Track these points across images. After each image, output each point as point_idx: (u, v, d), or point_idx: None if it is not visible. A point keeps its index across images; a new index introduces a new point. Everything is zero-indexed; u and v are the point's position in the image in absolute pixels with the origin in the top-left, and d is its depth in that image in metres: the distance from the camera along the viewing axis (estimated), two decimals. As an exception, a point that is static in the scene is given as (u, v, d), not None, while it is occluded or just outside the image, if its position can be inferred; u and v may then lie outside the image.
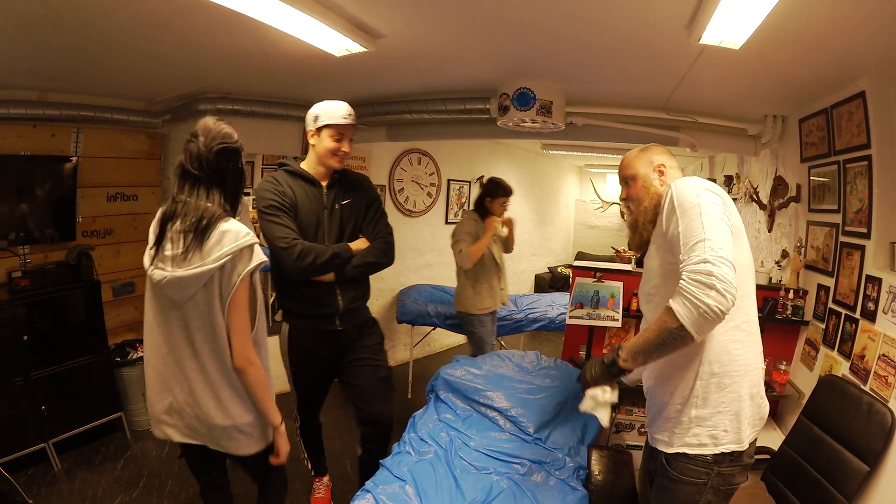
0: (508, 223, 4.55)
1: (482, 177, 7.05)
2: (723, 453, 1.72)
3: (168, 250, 1.90)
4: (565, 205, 9.91)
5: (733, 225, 1.66)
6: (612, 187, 9.78)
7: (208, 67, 3.34)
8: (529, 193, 8.49)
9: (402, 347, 6.08)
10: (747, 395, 1.74)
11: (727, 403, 1.72)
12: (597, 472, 2.61)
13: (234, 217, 1.97)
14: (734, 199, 5.38)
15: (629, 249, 2.33)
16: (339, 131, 2.66)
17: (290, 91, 4.10)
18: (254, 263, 1.91)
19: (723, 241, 1.55)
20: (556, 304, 5.53)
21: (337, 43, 2.61)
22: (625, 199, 2.07)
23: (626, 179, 2.04)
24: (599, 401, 1.90)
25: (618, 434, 3.41)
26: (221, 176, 1.97)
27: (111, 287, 4.29)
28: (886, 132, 2.68)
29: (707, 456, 1.73)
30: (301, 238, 2.61)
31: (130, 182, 4.41)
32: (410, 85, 3.82)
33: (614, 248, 4.87)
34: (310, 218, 2.69)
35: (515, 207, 7.34)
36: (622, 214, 9.28)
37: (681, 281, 1.55)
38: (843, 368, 2.84)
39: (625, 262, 4.43)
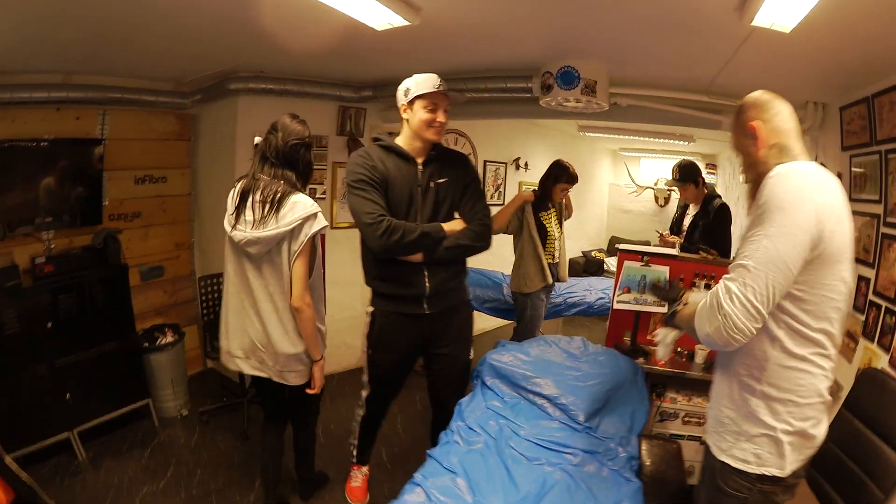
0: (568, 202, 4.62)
1: (518, 158, 6.97)
2: (764, 475, 1.61)
3: (248, 216, 2.39)
4: (599, 189, 9.68)
5: (824, 253, 1.45)
6: (646, 171, 9.57)
7: (241, 44, 3.23)
8: (565, 176, 8.29)
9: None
10: (800, 427, 1.58)
11: (775, 430, 1.58)
12: (649, 463, 2.49)
13: (305, 192, 2.48)
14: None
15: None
16: (433, 101, 2.54)
17: (325, 69, 4.00)
18: (316, 227, 2.40)
19: (764, 284, 1.42)
20: (594, 289, 5.41)
21: (379, 15, 2.48)
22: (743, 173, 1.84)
23: (735, 150, 1.83)
24: (659, 339, 2.12)
25: (661, 423, 3.33)
26: (294, 163, 2.47)
27: (139, 271, 4.21)
28: None
29: (750, 473, 1.63)
30: (390, 215, 2.53)
31: (159, 164, 4.33)
32: (450, 63, 3.70)
33: (658, 232, 4.77)
34: (402, 195, 2.59)
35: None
36: (656, 199, 9.21)
37: (712, 289, 1.52)
38: (882, 361, 2.73)
39: (668, 247, 4.34)
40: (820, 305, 1.50)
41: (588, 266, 8.37)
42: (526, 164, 7.13)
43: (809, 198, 1.43)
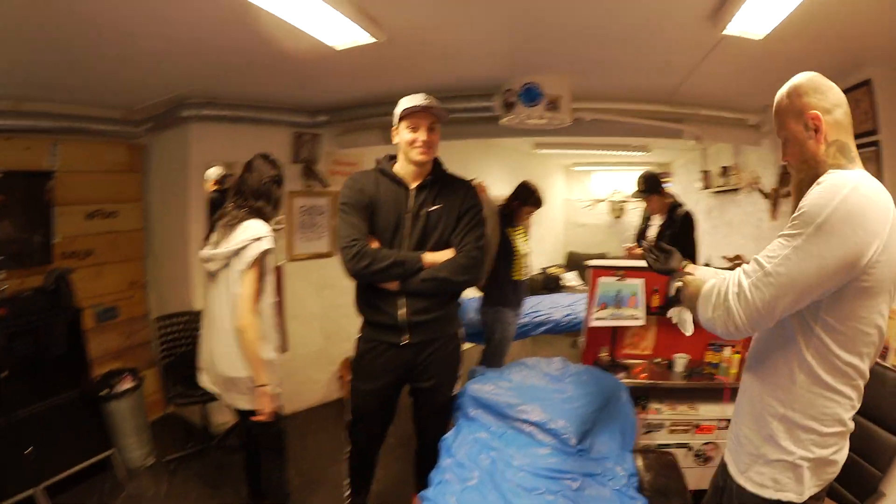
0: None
1: (473, 179, 6.91)
2: (781, 500, 1.51)
3: (213, 239, 2.69)
4: (554, 205, 9.74)
5: (864, 285, 1.34)
6: (598, 185, 9.79)
7: (196, 68, 3.13)
8: (520, 195, 8.33)
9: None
10: (820, 455, 1.48)
11: (794, 456, 1.49)
12: (649, 478, 2.50)
13: (273, 218, 2.77)
14: (733, 190, 5.43)
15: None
16: (414, 120, 2.48)
17: (280, 94, 3.91)
18: (261, 248, 2.56)
19: (774, 294, 1.34)
20: (559, 306, 5.41)
21: (342, 33, 2.43)
22: (785, 162, 1.64)
23: (779, 135, 1.62)
24: (675, 320, 2.01)
25: (648, 434, 3.34)
26: (267, 196, 2.74)
27: (93, 313, 3.98)
28: (893, 118, 2.79)
29: (767, 499, 1.53)
30: (378, 240, 2.53)
31: (110, 198, 4.12)
32: (410, 84, 3.61)
33: (626, 247, 4.90)
34: (388, 220, 2.55)
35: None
36: (611, 212, 9.30)
37: (730, 275, 1.47)
38: None
39: (636, 260, 4.38)
40: (853, 339, 1.40)
41: (547, 283, 8.40)
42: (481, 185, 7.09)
43: (852, 223, 1.29)
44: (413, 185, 2.58)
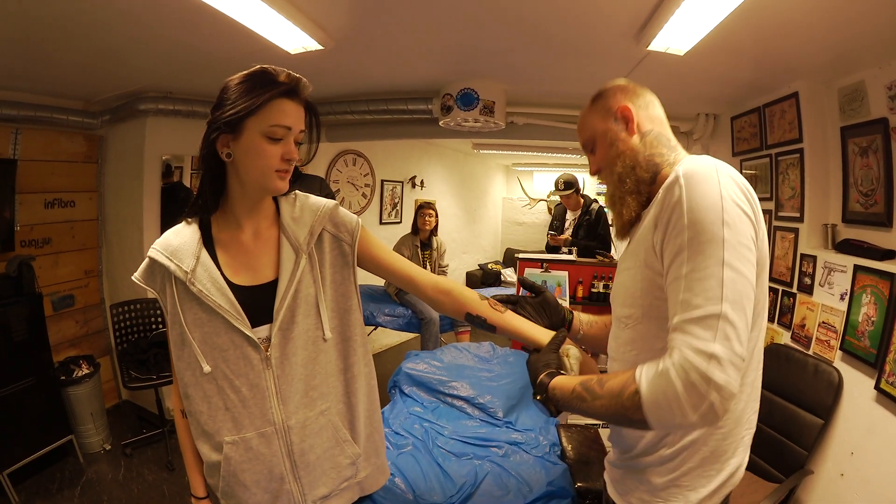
0: None
1: (414, 177, 7.21)
2: None
3: None
4: (493, 203, 10.11)
5: (760, 258, 1.12)
6: (538, 185, 10.09)
7: (157, 63, 3.21)
8: (459, 193, 8.65)
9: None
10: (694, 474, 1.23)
11: (665, 472, 1.25)
12: (571, 448, 2.71)
13: None
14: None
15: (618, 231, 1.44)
16: None
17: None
18: None
19: (744, 319, 1.01)
20: (495, 299, 5.65)
21: (293, 38, 2.60)
22: (596, 172, 1.45)
23: (587, 146, 1.45)
24: None
25: (575, 415, 3.57)
26: None
27: (51, 301, 4.04)
28: (817, 128, 3.00)
29: None
30: None
31: (68, 187, 4.18)
32: (355, 86, 3.85)
33: (550, 233, 5.33)
34: None
35: (446, 206, 7.59)
36: (549, 210, 9.56)
37: (669, 366, 1.00)
38: (784, 338, 3.18)
39: (559, 245, 4.99)
40: (754, 316, 1.11)
41: (486, 278, 8.70)
42: (422, 183, 7.41)
43: (738, 195, 1.09)
44: None
